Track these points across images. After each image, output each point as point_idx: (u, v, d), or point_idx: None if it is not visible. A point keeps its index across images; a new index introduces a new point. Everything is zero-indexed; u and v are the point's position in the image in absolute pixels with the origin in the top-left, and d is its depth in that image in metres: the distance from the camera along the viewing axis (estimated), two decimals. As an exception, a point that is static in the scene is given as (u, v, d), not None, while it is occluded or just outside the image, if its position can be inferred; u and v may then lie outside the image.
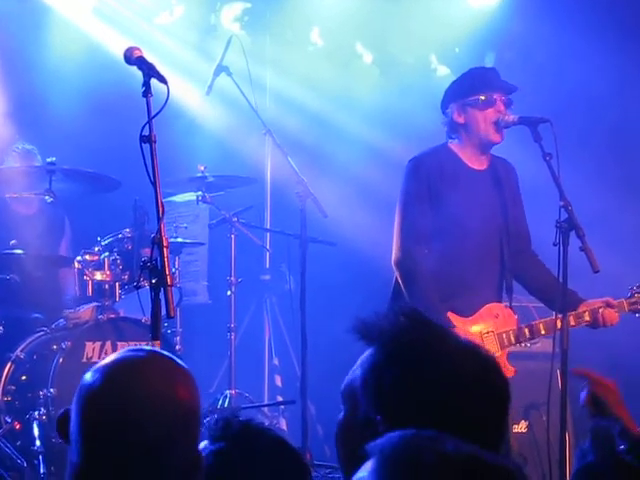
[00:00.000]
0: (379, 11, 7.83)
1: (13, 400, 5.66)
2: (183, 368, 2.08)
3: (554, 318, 4.57)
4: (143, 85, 3.65)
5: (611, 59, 6.88)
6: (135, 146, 3.54)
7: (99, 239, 6.14)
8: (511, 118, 4.71)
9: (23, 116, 7.31)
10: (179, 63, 7.69)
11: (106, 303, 5.93)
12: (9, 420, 5.58)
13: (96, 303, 5.96)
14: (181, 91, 7.44)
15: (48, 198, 6.02)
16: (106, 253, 6.03)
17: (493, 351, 4.47)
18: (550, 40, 7.28)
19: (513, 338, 4.69)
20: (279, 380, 7.53)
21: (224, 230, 6.85)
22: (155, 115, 3.56)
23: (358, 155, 7.70)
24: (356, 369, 1.84)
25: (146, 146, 3.55)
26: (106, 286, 5.98)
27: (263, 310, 7.64)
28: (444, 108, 4.86)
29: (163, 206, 3.51)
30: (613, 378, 2.74)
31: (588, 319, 4.73)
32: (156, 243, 3.45)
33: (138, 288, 3.83)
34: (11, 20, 7.42)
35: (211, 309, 7.59)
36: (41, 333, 5.88)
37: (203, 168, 6.57)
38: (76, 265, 5.98)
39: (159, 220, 3.47)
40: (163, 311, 3.45)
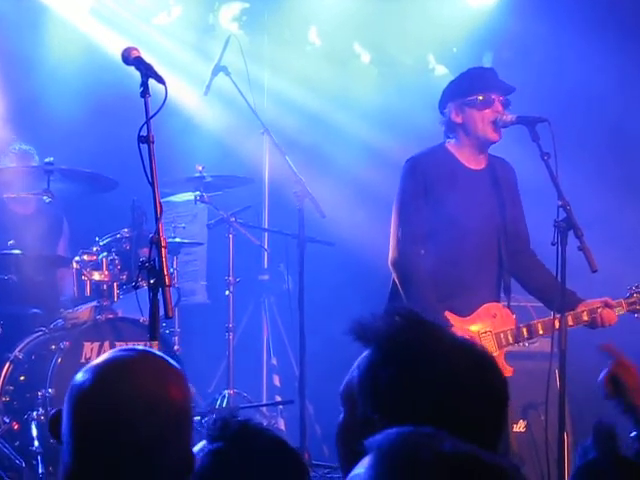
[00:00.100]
0: (377, 11, 7.83)
1: (11, 400, 5.65)
2: (175, 368, 2.07)
3: (552, 318, 4.57)
4: (141, 85, 3.65)
5: (611, 58, 6.88)
6: (133, 146, 3.54)
7: (97, 239, 6.13)
8: (509, 118, 4.71)
9: (20, 116, 7.31)
10: (177, 63, 7.69)
11: (104, 303, 5.93)
12: (7, 420, 5.58)
13: (94, 303, 5.96)
14: (179, 91, 7.45)
15: (46, 198, 6.02)
16: (104, 253, 6.03)
17: (491, 351, 4.47)
18: (548, 40, 7.29)
19: (511, 338, 4.69)
20: (277, 380, 7.53)
21: (222, 230, 6.85)
22: (153, 115, 3.56)
23: (356, 155, 7.70)
24: (354, 370, 1.85)
25: (144, 146, 3.55)
26: (104, 286, 5.98)
27: (261, 310, 7.64)
28: (442, 108, 4.86)
29: (161, 206, 3.51)
30: (634, 363, 2.73)
31: (586, 319, 4.73)
32: (154, 243, 3.45)
33: (136, 288, 3.84)
34: (8, 20, 7.42)
35: (209, 309, 7.59)
36: (39, 333, 5.88)
37: (201, 168, 6.56)
38: (74, 265, 5.98)
39: (157, 220, 3.47)
40: (161, 311, 3.45)
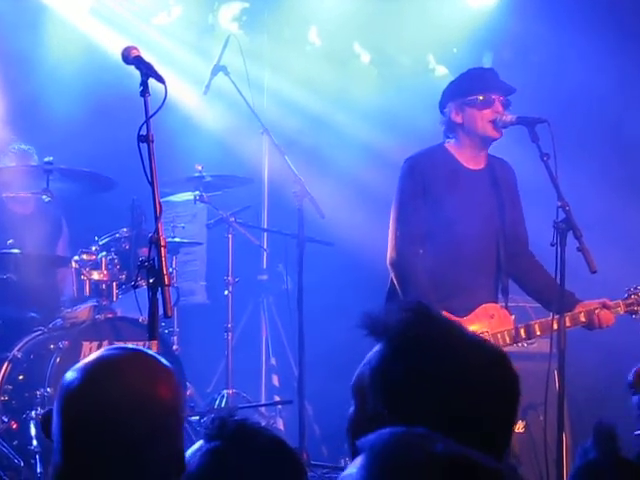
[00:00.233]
0: (377, 11, 7.83)
1: (10, 399, 5.65)
2: (165, 367, 2.07)
3: (550, 319, 4.57)
4: (141, 85, 3.65)
5: (611, 58, 6.87)
6: (133, 146, 3.54)
7: (96, 239, 6.14)
8: (509, 118, 4.71)
9: (20, 116, 7.31)
10: (177, 63, 7.69)
11: (103, 303, 5.93)
12: (6, 420, 5.57)
13: (93, 303, 5.95)
14: (179, 91, 7.45)
15: (45, 198, 6.01)
16: (103, 253, 6.03)
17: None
18: (548, 40, 7.28)
19: (508, 338, 4.69)
20: (276, 380, 7.53)
21: (222, 230, 6.85)
22: (153, 115, 3.56)
23: (355, 155, 7.70)
24: (365, 364, 1.84)
25: (144, 146, 3.55)
26: (103, 286, 5.98)
27: (260, 310, 7.64)
28: (442, 108, 4.85)
29: (161, 206, 3.51)
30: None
31: (584, 320, 4.72)
32: (154, 243, 3.45)
33: (136, 288, 3.84)
34: (7, 19, 7.41)
35: (208, 309, 7.59)
36: (38, 333, 5.88)
37: (201, 168, 6.56)
38: (73, 265, 5.98)
39: (157, 220, 3.47)
40: (160, 311, 3.45)
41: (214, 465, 1.96)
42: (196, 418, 6.00)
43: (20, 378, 5.71)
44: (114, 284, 6.00)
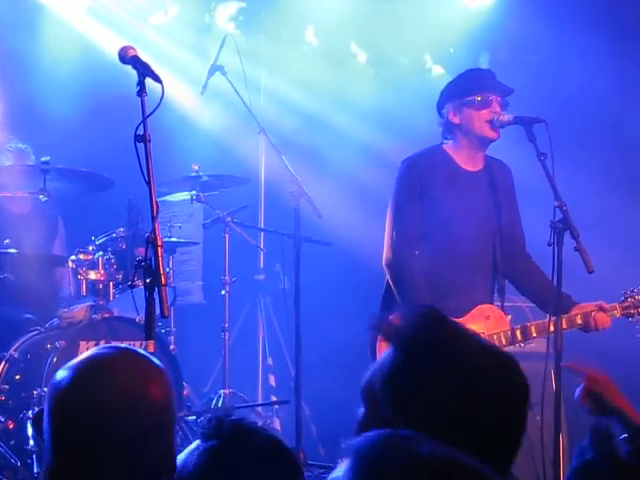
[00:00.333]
0: (374, 11, 7.83)
1: (7, 399, 5.64)
2: (157, 366, 2.07)
3: (546, 321, 4.56)
4: (137, 84, 3.64)
5: (610, 58, 6.87)
6: (129, 145, 3.53)
7: (93, 238, 6.13)
8: (506, 118, 4.70)
9: (17, 116, 7.30)
10: (174, 62, 7.69)
11: (100, 302, 5.93)
12: (3, 419, 5.56)
13: (90, 302, 5.95)
14: (176, 90, 7.45)
15: (42, 197, 6.01)
16: (100, 252, 6.02)
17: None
18: (546, 40, 7.28)
19: (504, 340, 4.69)
20: (273, 380, 7.53)
21: (218, 230, 6.85)
22: (150, 114, 3.56)
23: (352, 155, 7.70)
24: (376, 368, 1.83)
25: (140, 145, 3.54)
26: (100, 285, 5.97)
27: (257, 310, 7.64)
28: (440, 108, 4.85)
29: (158, 205, 3.51)
30: (601, 371, 2.73)
31: (580, 322, 4.71)
32: (150, 242, 3.44)
33: (132, 287, 3.83)
34: (4, 19, 7.41)
35: (205, 309, 7.59)
36: (35, 332, 5.87)
37: (197, 167, 6.56)
38: (70, 264, 5.97)
39: (154, 219, 3.47)
40: (157, 311, 3.44)
41: (211, 464, 1.96)
42: (193, 418, 6.00)
43: (17, 378, 5.71)
44: (111, 284, 6.00)
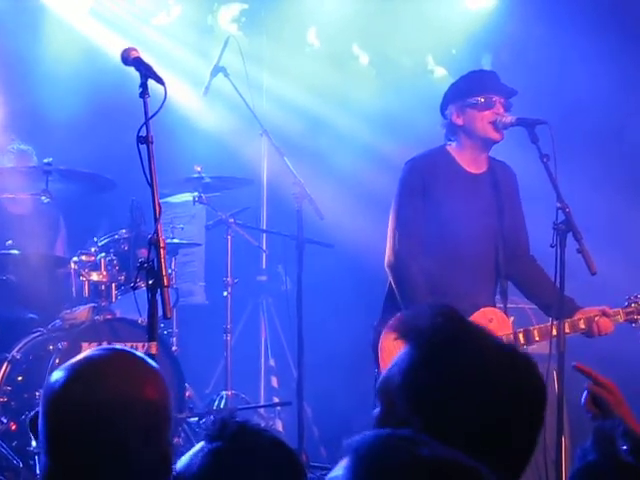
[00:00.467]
0: (376, 12, 7.83)
1: (9, 401, 5.64)
2: (151, 367, 2.07)
3: (549, 325, 4.55)
4: (140, 86, 3.65)
5: (612, 60, 6.86)
6: (132, 147, 3.54)
7: (95, 240, 6.14)
8: (509, 119, 4.70)
9: (19, 117, 7.30)
10: (176, 64, 7.69)
11: (102, 304, 5.93)
12: (5, 421, 5.57)
13: (92, 304, 5.95)
14: (178, 92, 7.45)
15: (44, 199, 6.01)
16: (102, 254, 6.03)
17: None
18: (548, 42, 7.27)
19: (506, 343, 4.68)
20: (275, 381, 7.53)
21: (220, 231, 6.85)
22: (152, 116, 3.56)
23: (354, 156, 7.70)
24: (394, 367, 1.83)
25: (143, 147, 3.55)
26: (102, 287, 5.97)
27: (259, 311, 7.64)
28: (443, 110, 4.84)
29: (160, 207, 3.51)
30: (609, 379, 2.73)
31: (583, 327, 4.70)
32: (153, 244, 3.44)
33: (135, 289, 3.84)
34: (6, 20, 7.41)
35: (207, 310, 7.59)
36: (37, 334, 5.87)
37: (200, 169, 6.56)
38: (72, 266, 5.97)
39: (156, 221, 3.47)
40: (160, 312, 3.44)
41: (215, 466, 1.96)
42: (195, 419, 6.00)
43: (19, 379, 5.71)
44: (113, 285, 6.00)
